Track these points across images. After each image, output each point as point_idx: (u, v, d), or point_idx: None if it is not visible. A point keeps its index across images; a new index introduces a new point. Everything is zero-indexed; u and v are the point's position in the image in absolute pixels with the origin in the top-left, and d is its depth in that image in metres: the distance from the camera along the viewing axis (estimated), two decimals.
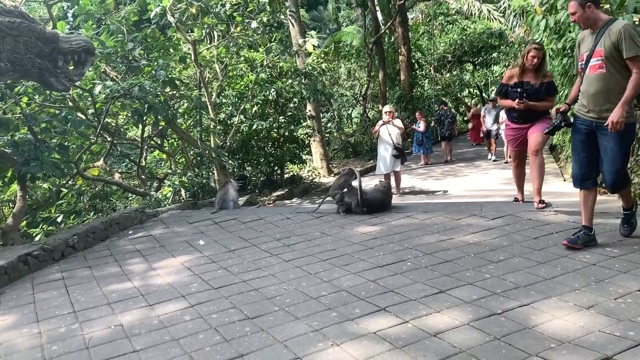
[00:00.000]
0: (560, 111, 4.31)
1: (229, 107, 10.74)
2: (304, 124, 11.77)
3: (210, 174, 9.27)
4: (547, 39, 7.75)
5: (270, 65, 10.70)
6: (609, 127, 3.80)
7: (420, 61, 23.44)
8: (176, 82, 8.15)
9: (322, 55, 11.55)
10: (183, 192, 8.31)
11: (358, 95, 19.85)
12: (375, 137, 9.99)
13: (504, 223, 4.99)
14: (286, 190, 10.62)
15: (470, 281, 3.63)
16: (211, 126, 9.51)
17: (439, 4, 25.28)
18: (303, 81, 10.93)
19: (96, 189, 9.17)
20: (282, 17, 10.63)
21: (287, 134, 10.84)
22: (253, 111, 10.63)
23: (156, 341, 3.11)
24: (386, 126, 9.65)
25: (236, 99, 10.67)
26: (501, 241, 4.47)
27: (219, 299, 3.70)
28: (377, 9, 19.72)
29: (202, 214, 6.49)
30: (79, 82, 6.81)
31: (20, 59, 5.26)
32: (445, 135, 15.52)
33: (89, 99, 7.97)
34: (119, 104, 8.07)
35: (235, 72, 10.87)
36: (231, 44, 9.86)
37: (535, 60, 5.44)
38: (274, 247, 4.89)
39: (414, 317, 3.13)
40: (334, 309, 3.35)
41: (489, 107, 14.31)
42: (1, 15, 5.19)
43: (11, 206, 7.21)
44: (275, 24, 12.63)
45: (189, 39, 8.69)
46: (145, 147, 8.83)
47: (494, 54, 24.23)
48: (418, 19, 26.54)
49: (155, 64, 8.22)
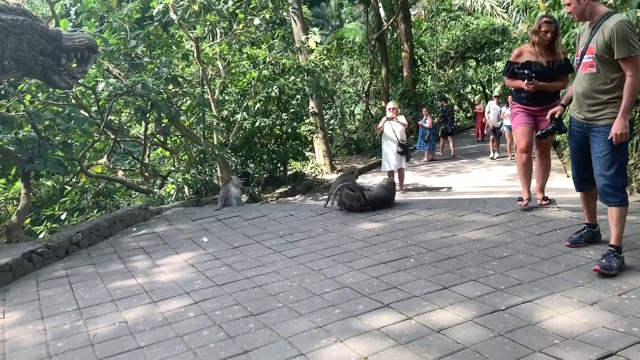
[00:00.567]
0: (555, 117, 4.13)
1: (231, 104, 10.74)
2: (307, 120, 11.77)
3: (213, 171, 9.28)
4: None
5: (273, 62, 10.69)
6: (613, 140, 3.49)
7: (423, 57, 23.39)
8: (179, 79, 8.15)
9: (325, 52, 11.53)
10: (186, 189, 8.32)
11: (361, 92, 19.83)
12: (379, 133, 9.98)
13: (507, 219, 4.99)
14: (289, 187, 10.63)
15: (474, 277, 3.63)
16: (214, 123, 9.52)
17: (441, 0, 25.22)
18: (306, 78, 10.92)
19: (99, 186, 9.18)
20: (285, 14, 10.62)
21: (289, 130, 10.84)
22: (256, 108, 10.63)
23: (160, 338, 3.12)
24: (390, 123, 9.64)
25: (239, 96, 10.67)
26: (504, 237, 4.46)
27: (222, 295, 3.71)
28: (380, 5, 19.68)
29: (205, 211, 6.50)
30: (82, 80, 6.82)
31: (24, 56, 5.27)
32: (449, 131, 15.52)
33: (92, 96, 7.99)
34: (122, 101, 8.08)
35: (237, 69, 10.86)
36: (234, 41, 9.85)
37: (548, 34, 4.95)
38: (277, 244, 4.89)
39: (417, 313, 3.14)
40: (337, 305, 3.35)
41: (493, 103, 14.28)
42: (4, 13, 5.19)
43: (15, 204, 7.23)
44: (278, 21, 12.63)
45: (191, 36, 8.69)
46: (149, 144, 8.84)
47: (497, 50, 24.14)
48: (421, 15, 26.46)
49: (158, 61, 8.23)
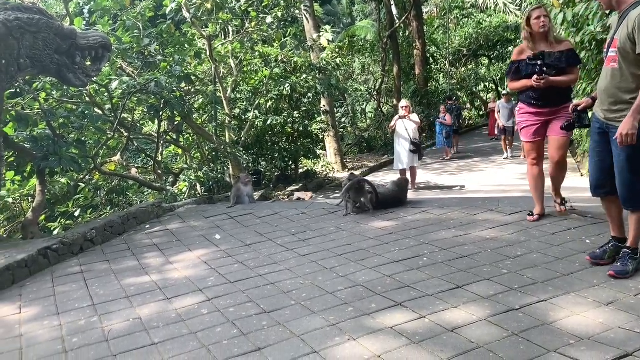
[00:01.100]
0: (578, 109, 3.85)
1: (243, 102, 10.77)
2: (318, 119, 11.77)
3: (226, 168, 9.31)
4: (565, 32, 7.65)
5: (285, 60, 10.69)
6: (617, 140, 3.20)
7: (435, 55, 23.27)
8: (192, 77, 8.18)
9: (337, 50, 11.51)
10: (199, 187, 8.36)
11: (372, 90, 19.78)
12: (391, 132, 9.96)
13: (521, 218, 4.94)
14: (300, 185, 10.64)
15: (488, 277, 3.60)
16: (226, 121, 9.55)
17: None
18: (317, 76, 10.92)
19: (113, 183, 9.27)
20: (297, 12, 10.61)
21: (301, 129, 10.85)
22: (267, 106, 10.65)
23: (174, 334, 3.14)
24: (402, 121, 9.62)
25: (251, 94, 10.70)
26: (518, 236, 4.43)
27: (235, 292, 3.72)
28: (392, 2, 19.60)
29: (218, 209, 6.52)
30: (95, 78, 6.87)
31: (39, 55, 5.33)
32: (456, 129, 15.47)
33: (106, 94, 8.05)
34: (136, 99, 8.13)
35: (249, 68, 10.89)
36: (246, 39, 9.88)
37: (544, 22, 4.38)
38: (289, 241, 4.90)
39: (431, 312, 3.13)
40: (350, 303, 3.35)
41: (502, 102, 14.16)
42: (21, 12, 5.25)
43: (30, 201, 7.31)
44: (290, 19, 12.62)
45: (204, 34, 8.72)
46: (162, 142, 8.89)
47: (510, 48, 23.90)
48: (433, 12, 26.35)
49: (171, 59, 8.27)
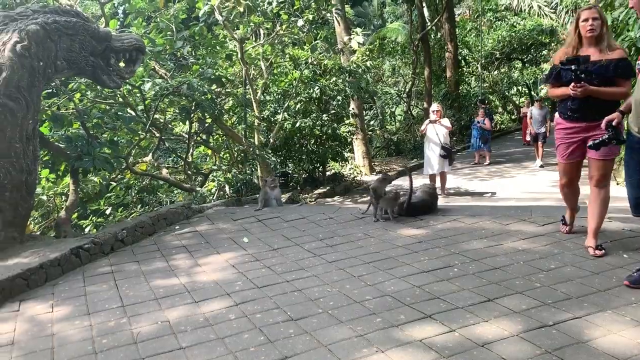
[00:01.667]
0: (612, 124, 3.62)
1: (273, 104, 10.81)
2: (347, 121, 11.73)
3: (254, 170, 9.36)
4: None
5: (315, 62, 10.69)
6: None
7: (467, 58, 22.96)
8: (222, 80, 8.25)
9: (367, 53, 11.45)
10: (227, 188, 8.42)
11: (402, 92, 19.62)
12: (421, 136, 9.85)
13: (554, 229, 4.81)
14: (328, 188, 10.61)
15: (520, 290, 3.52)
16: (255, 123, 9.59)
17: (487, 0, 24.72)
18: (347, 79, 10.88)
19: (144, 182, 9.41)
20: (328, 15, 10.60)
21: (329, 131, 10.83)
22: (296, 108, 10.66)
23: (201, 339, 3.15)
24: (433, 125, 9.51)
25: (280, 96, 10.72)
26: (552, 248, 4.31)
27: (263, 298, 3.71)
28: (424, 5, 19.42)
29: (245, 211, 6.55)
30: (129, 79, 6.97)
31: (75, 57, 5.43)
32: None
33: (139, 95, 8.18)
34: (167, 100, 8.24)
35: (279, 70, 10.92)
36: (277, 42, 9.91)
37: (592, 25, 3.89)
38: (316, 247, 4.87)
39: (461, 325, 3.06)
40: (378, 314, 3.31)
41: (534, 108, 13.81)
42: (58, 15, 5.37)
43: (64, 198, 7.47)
44: (320, 21, 12.62)
45: (235, 37, 8.78)
46: (192, 143, 8.99)
47: (543, 52, 23.51)
48: (465, 14, 26.03)
49: (203, 61, 8.36)
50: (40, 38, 5.07)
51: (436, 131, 9.44)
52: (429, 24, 18.96)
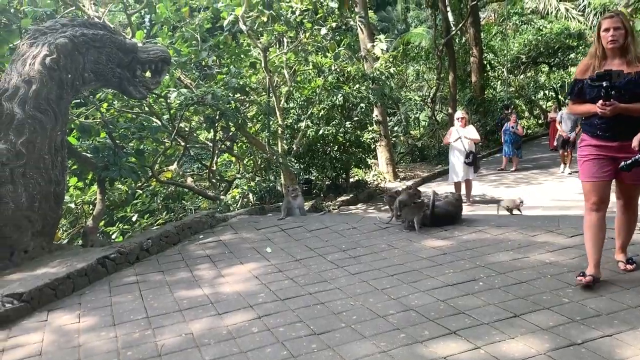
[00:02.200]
0: None
1: (296, 111, 10.84)
2: (370, 128, 11.69)
3: (277, 178, 9.39)
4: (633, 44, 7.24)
5: (338, 69, 10.69)
6: None
7: (493, 62, 22.68)
8: (246, 89, 8.31)
9: (391, 60, 11.40)
10: (251, 196, 8.47)
11: (426, 97, 19.49)
12: (445, 144, 9.76)
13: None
14: (351, 195, 10.58)
15: (547, 305, 3.44)
16: (278, 131, 9.63)
17: (513, 3, 24.41)
18: (370, 86, 10.84)
19: (169, 189, 9.53)
20: (352, 22, 10.59)
21: (352, 138, 10.81)
22: (320, 115, 10.66)
23: (225, 352, 3.16)
24: (457, 131, 9.41)
25: (304, 103, 10.75)
26: (580, 262, 4.20)
27: (285, 311, 3.71)
28: (448, 9, 19.27)
29: (269, 220, 6.56)
30: (154, 90, 7.06)
31: (102, 69, 5.54)
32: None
33: (164, 104, 8.29)
34: (192, 109, 8.33)
35: (303, 77, 10.95)
36: (300, 50, 9.94)
37: (614, 36, 3.54)
38: (339, 258, 4.85)
39: (486, 342, 3.01)
40: (402, 329, 3.27)
41: (565, 111, 13.52)
42: (86, 28, 5.48)
43: (91, 207, 7.60)
44: (344, 26, 12.60)
45: (259, 46, 8.84)
46: (217, 150, 9.07)
47: (571, 55, 23.06)
48: (490, 18, 25.75)
49: (227, 70, 8.43)
50: (69, 51, 5.18)
51: (460, 138, 9.33)
52: (453, 28, 18.80)
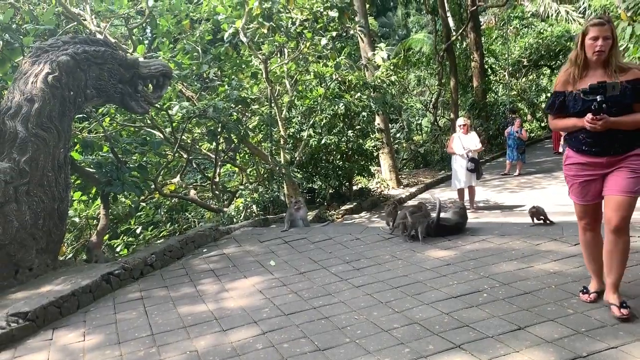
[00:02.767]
0: None
1: (298, 120, 10.86)
2: (373, 136, 11.70)
3: (281, 188, 9.40)
4: (633, 48, 7.27)
5: (339, 79, 10.72)
6: None
7: (494, 66, 22.69)
8: (248, 100, 8.34)
9: (392, 67, 11.41)
10: (254, 207, 8.48)
11: (428, 103, 19.50)
12: (448, 151, 9.74)
13: None
14: (355, 203, 10.56)
15: (552, 317, 3.43)
16: (281, 142, 9.65)
17: (513, 7, 24.44)
18: (372, 94, 10.86)
19: (173, 201, 9.56)
20: (352, 31, 10.62)
21: (355, 147, 10.81)
22: (322, 124, 10.68)
23: None
24: (460, 138, 9.41)
25: (305, 113, 10.77)
26: (584, 271, 4.15)
27: (290, 326, 3.71)
28: (448, 14, 19.31)
29: (272, 232, 6.56)
30: (156, 104, 7.10)
31: (104, 85, 5.57)
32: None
33: (166, 117, 8.33)
34: (194, 121, 8.36)
35: (304, 86, 10.98)
36: (301, 60, 9.98)
37: (601, 47, 3.24)
38: (343, 270, 4.85)
39: (491, 356, 3.00)
40: (406, 343, 3.26)
41: None
42: (88, 45, 5.52)
43: (95, 222, 7.62)
44: (345, 34, 12.63)
45: (260, 57, 8.88)
46: (219, 162, 9.09)
47: None
48: (491, 21, 25.75)
49: (228, 80, 8.47)
50: (71, 68, 5.22)
51: (462, 144, 9.32)
52: (454, 33, 18.82)
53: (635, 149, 3.28)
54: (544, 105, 26.75)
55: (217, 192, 8.86)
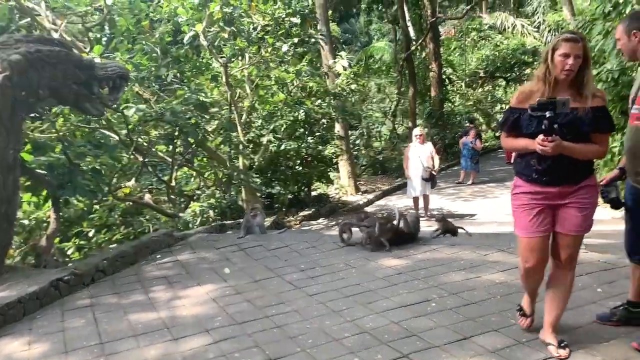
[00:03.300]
0: (603, 184, 3.33)
1: (258, 126, 10.86)
2: (332, 143, 11.81)
3: (238, 193, 9.38)
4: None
5: (300, 85, 10.78)
6: None
7: (451, 77, 23.27)
8: (206, 104, 8.29)
9: (352, 76, 11.57)
10: (211, 212, 8.42)
11: (388, 110, 19.81)
12: (405, 165, 9.88)
13: None
14: (313, 210, 10.65)
15: (495, 327, 3.56)
16: (240, 147, 9.63)
17: (471, 19, 25.13)
18: (332, 102, 10.98)
19: (127, 203, 9.36)
20: (313, 40, 10.70)
21: (315, 153, 10.90)
22: (282, 130, 10.71)
23: None
24: (415, 147, 9.62)
25: (266, 118, 10.78)
26: None
27: (242, 335, 3.72)
28: (408, 24, 19.69)
29: (228, 239, 6.54)
30: (112, 106, 6.96)
31: (59, 86, 5.43)
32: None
33: (122, 119, 8.17)
34: (151, 124, 8.24)
35: (265, 92, 10.99)
36: (262, 65, 9.99)
37: (571, 66, 2.90)
38: (298, 278, 4.89)
39: None
40: (356, 352, 3.33)
41: None
42: (42, 44, 5.37)
43: (45, 225, 7.40)
44: (306, 40, 12.70)
45: (220, 61, 8.84)
46: (176, 166, 8.99)
47: (527, 71, 23.84)
48: (450, 32, 26.39)
49: (188, 83, 8.40)
50: (23, 68, 5.06)
51: (418, 154, 9.54)
52: (414, 43, 19.20)
53: (585, 179, 3.05)
54: (499, 117, 27.60)
55: (172, 196, 8.75)
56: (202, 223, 8.05)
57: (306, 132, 10.97)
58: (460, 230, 6.24)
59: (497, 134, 25.63)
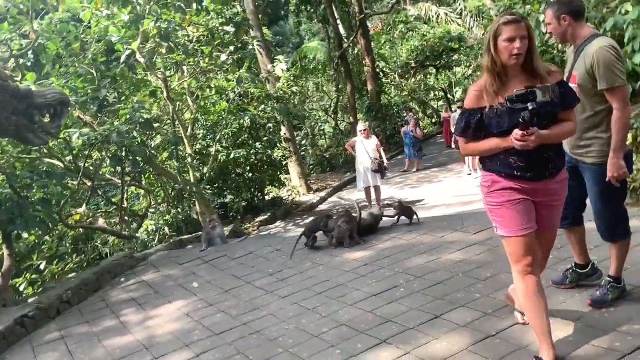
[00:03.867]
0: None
1: (204, 137, 10.81)
2: (280, 146, 11.91)
3: (192, 206, 9.31)
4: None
5: (242, 92, 10.81)
6: (612, 182, 3.02)
7: (385, 70, 23.82)
8: (151, 122, 8.20)
9: (292, 78, 11.71)
10: (167, 229, 8.34)
11: (328, 108, 20.08)
12: (349, 153, 10.11)
13: (486, 237, 5.12)
14: (268, 214, 10.71)
15: (462, 303, 3.77)
16: (188, 160, 9.56)
17: (397, 12, 25.76)
18: (275, 105, 11.07)
19: (77, 231, 9.10)
20: (250, 46, 10.75)
21: (264, 158, 10.96)
22: (228, 138, 10.70)
23: None
24: (361, 141, 9.85)
25: (211, 129, 10.74)
26: (486, 257, 4.62)
27: (222, 345, 3.78)
28: (338, 22, 20.01)
29: (190, 253, 6.54)
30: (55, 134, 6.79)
31: None
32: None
33: (64, 145, 7.95)
34: (97, 146, 8.07)
35: (207, 102, 10.94)
36: (200, 75, 9.95)
37: (519, 49, 2.62)
38: (268, 282, 4.98)
39: (414, 346, 3.27)
40: (336, 345, 3.47)
41: (457, 115, 14.45)
42: None
43: None
44: (242, 47, 12.72)
45: (159, 76, 8.75)
46: (125, 187, 8.83)
47: (454, 57, 24.74)
48: (378, 26, 26.97)
49: (128, 102, 8.26)
50: None
51: (365, 147, 9.77)
52: (345, 40, 19.54)
53: (561, 169, 2.85)
54: (433, 103, 28.49)
55: (125, 217, 8.60)
56: (159, 241, 7.96)
57: (252, 138, 11.01)
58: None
59: (434, 120, 26.51)
